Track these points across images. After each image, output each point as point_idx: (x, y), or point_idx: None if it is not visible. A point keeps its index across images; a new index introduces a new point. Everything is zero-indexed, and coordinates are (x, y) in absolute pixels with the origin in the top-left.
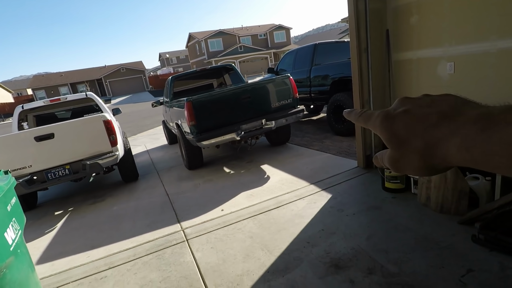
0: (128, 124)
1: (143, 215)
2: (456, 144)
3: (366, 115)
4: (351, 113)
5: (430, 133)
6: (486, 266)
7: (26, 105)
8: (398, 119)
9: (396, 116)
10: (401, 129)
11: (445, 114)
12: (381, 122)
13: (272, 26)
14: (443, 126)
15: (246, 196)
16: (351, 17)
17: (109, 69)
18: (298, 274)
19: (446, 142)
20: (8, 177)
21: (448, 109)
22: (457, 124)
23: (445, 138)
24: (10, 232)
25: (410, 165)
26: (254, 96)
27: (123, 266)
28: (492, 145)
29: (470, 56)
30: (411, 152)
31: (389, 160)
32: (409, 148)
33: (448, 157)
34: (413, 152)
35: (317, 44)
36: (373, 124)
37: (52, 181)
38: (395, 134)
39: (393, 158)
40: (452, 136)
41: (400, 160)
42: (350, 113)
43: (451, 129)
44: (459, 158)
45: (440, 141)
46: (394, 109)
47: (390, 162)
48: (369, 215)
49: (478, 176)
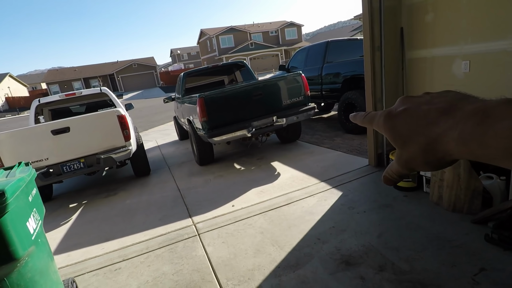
0: (139, 119)
1: (155, 209)
2: (454, 139)
3: (370, 116)
4: (357, 116)
5: (430, 130)
6: (500, 265)
7: (43, 99)
8: (399, 118)
9: (397, 115)
10: (403, 127)
11: (443, 110)
12: (384, 122)
13: (283, 23)
14: (442, 122)
15: (256, 192)
16: (365, 14)
17: (121, 65)
18: (309, 270)
19: (445, 137)
20: (29, 168)
21: (446, 105)
22: (455, 119)
23: (444, 133)
24: (31, 222)
25: (417, 162)
26: (265, 93)
27: (136, 258)
28: (488, 138)
29: (486, 54)
30: (415, 149)
31: (399, 161)
32: (413, 145)
33: (449, 151)
34: (417, 149)
35: (330, 41)
36: (377, 124)
37: (68, 174)
38: (398, 133)
39: (401, 157)
40: (451, 131)
41: (408, 158)
42: (356, 116)
43: (449, 125)
44: (459, 152)
45: (440, 137)
46: (395, 108)
47: (400, 162)
48: (380, 213)
49: (492, 176)
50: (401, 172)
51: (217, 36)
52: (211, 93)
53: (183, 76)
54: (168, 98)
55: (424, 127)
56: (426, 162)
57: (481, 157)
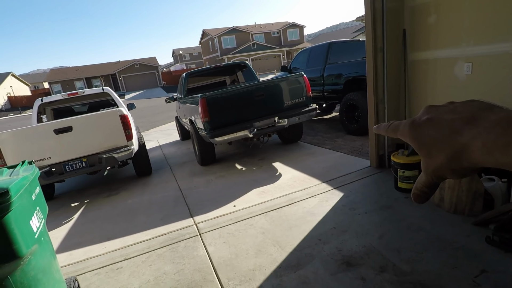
0: (141, 119)
1: (157, 209)
2: (479, 148)
3: (394, 126)
4: (380, 127)
5: (455, 139)
6: (501, 267)
7: (45, 98)
8: (423, 127)
9: (421, 125)
10: (427, 137)
11: (467, 120)
12: (409, 132)
13: (285, 24)
14: (466, 132)
15: (258, 192)
16: (368, 16)
17: (123, 64)
18: (310, 270)
19: (470, 146)
20: (32, 167)
21: (469, 115)
22: (479, 129)
23: (469, 143)
24: (34, 220)
25: (444, 170)
26: (267, 94)
27: (138, 257)
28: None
29: (488, 57)
30: (441, 158)
31: (426, 171)
32: (438, 154)
33: (473, 160)
34: (443, 158)
35: (332, 42)
36: (401, 133)
37: (70, 173)
38: (423, 142)
39: (428, 167)
40: (475, 141)
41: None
42: (380, 127)
43: (473, 134)
44: (483, 161)
45: (465, 147)
46: (419, 118)
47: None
48: (382, 214)
49: (494, 178)
50: (431, 182)
51: (219, 37)
52: (213, 94)
53: (185, 76)
54: (170, 98)
55: (448, 136)
56: (453, 170)
57: (506, 165)
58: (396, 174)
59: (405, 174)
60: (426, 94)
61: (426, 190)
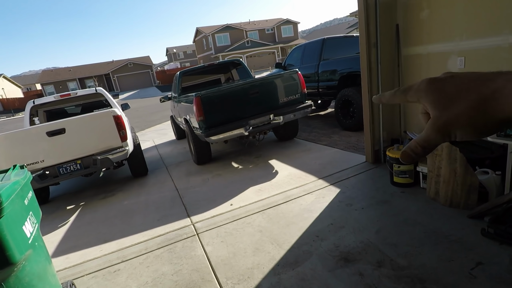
0: (136, 119)
1: (154, 209)
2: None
3: (404, 88)
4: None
5: (485, 85)
6: (496, 259)
7: (37, 100)
8: (448, 80)
9: (446, 79)
10: (451, 87)
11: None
12: (428, 84)
13: (279, 21)
14: (499, 79)
15: (254, 190)
16: (361, 11)
17: (116, 64)
18: (308, 267)
19: (503, 90)
20: (24, 171)
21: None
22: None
23: (502, 87)
24: (28, 225)
25: (460, 123)
26: (262, 91)
27: (135, 259)
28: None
29: (481, 50)
30: (462, 107)
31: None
32: (460, 103)
33: (505, 105)
34: (466, 106)
35: (326, 38)
36: (416, 90)
37: (64, 175)
38: (444, 92)
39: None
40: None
41: (448, 120)
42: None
43: (508, 78)
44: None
45: (496, 92)
46: (442, 76)
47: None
48: (378, 210)
49: (488, 171)
50: (431, 140)
51: (213, 34)
52: (207, 92)
53: (179, 75)
54: (164, 98)
55: (478, 84)
56: (471, 123)
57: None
58: (391, 169)
59: (400, 169)
60: None
61: (419, 150)
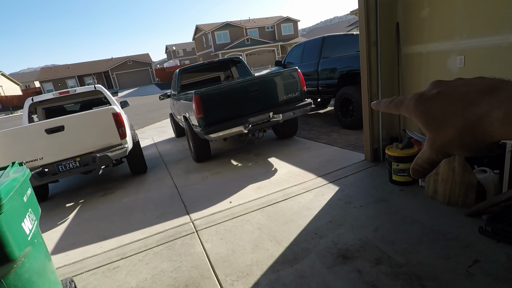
0: (135, 117)
1: (153, 207)
2: (499, 119)
3: (397, 100)
4: (380, 102)
5: (470, 111)
6: (493, 257)
7: (36, 97)
8: (434, 100)
9: (431, 98)
10: (438, 110)
11: (485, 91)
12: (415, 106)
13: (279, 19)
14: (484, 102)
15: (254, 188)
16: (361, 9)
17: (115, 62)
18: (307, 264)
19: (488, 117)
20: (23, 168)
21: (487, 86)
22: (500, 99)
23: (487, 113)
24: (27, 222)
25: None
26: (262, 89)
27: (135, 256)
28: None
29: (481, 49)
30: (451, 132)
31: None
32: (448, 128)
33: (490, 132)
34: (454, 131)
35: (326, 37)
36: (406, 108)
37: (63, 173)
38: (432, 116)
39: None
40: (495, 111)
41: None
42: (379, 103)
43: (492, 104)
44: (503, 132)
45: (481, 118)
46: (428, 91)
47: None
48: (377, 207)
49: (486, 169)
50: (434, 159)
51: (213, 32)
52: (207, 90)
53: (179, 73)
54: (163, 95)
55: (462, 108)
56: (463, 145)
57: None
58: (390, 167)
59: (399, 167)
60: (419, 88)
61: (427, 166)
